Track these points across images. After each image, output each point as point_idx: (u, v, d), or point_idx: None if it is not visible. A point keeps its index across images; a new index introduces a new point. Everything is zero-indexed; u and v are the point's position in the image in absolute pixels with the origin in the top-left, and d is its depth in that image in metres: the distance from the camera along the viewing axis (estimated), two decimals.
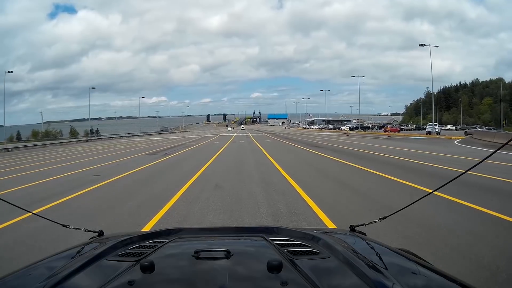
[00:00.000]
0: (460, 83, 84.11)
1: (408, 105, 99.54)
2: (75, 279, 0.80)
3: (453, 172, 7.34)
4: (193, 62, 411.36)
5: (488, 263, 2.68)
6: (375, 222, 1.36)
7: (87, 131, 53.50)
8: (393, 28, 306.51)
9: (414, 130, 50.17)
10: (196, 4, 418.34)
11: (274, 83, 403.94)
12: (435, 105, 39.55)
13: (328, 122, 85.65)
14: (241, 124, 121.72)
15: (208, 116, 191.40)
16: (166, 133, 70.46)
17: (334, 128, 70.16)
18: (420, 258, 1.05)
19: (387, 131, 41.99)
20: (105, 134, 60.69)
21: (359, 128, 54.76)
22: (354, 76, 56.06)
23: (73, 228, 1.42)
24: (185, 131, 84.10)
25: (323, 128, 75.68)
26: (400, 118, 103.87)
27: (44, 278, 0.80)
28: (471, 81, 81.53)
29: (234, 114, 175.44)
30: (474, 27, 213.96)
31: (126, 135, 57.43)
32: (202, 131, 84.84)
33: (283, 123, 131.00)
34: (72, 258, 0.96)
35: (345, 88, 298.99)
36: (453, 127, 58.68)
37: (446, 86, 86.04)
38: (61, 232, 2.55)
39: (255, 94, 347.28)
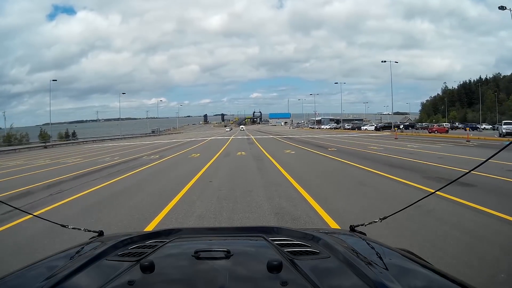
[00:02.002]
0: (480, 77, 74.13)
1: (424, 102, 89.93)
2: (75, 279, 0.79)
3: None
4: (193, 62, 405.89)
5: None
6: (375, 222, 1.32)
7: (61, 134, 47.45)
8: (393, 27, 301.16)
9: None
10: (196, 4, 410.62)
11: (274, 83, 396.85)
12: None
13: (338, 121, 76.32)
14: (241, 124, 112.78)
15: (205, 116, 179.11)
16: (155, 135, 61.45)
17: (353, 128, 56.44)
18: (420, 258, 1.03)
19: (434, 131, 32.42)
20: (84, 137, 51.66)
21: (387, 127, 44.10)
22: (384, 61, 45.21)
23: (73, 228, 1.41)
24: (178, 133, 76.65)
25: (337, 128, 63.51)
26: (399, 117, 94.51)
27: (44, 278, 0.79)
28: (492, 75, 71.88)
29: (233, 114, 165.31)
30: (475, 25, 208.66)
31: (102, 138, 47.18)
32: (197, 132, 75.31)
33: (285, 123, 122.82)
34: (72, 258, 0.95)
35: (345, 88, 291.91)
36: (488, 126, 49.34)
37: (465, 81, 77.06)
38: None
39: (254, 94, 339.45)
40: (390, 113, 65.99)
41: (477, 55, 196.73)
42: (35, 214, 1.64)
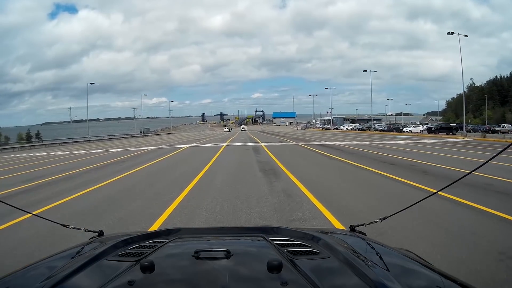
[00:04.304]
0: (510, 73, 66.15)
1: (450, 100, 79.73)
2: (75, 279, 0.79)
3: None
4: (194, 62, 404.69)
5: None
6: (375, 222, 1.32)
7: (21, 136, 44.64)
8: (396, 28, 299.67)
9: None
10: (198, 3, 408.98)
11: (275, 83, 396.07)
12: None
13: (353, 121, 72.84)
14: (241, 124, 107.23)
15: (203, 115, 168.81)
16: (140, 137, 55.60)
17: (390, 130, 46.18)
18: (420, 258, 1.03)
19: None
20: (50, 139, 43.73)
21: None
22: (451, 33, 31.50)
23: (73, 228, 1.39)
24: (169, 133, 70.45)
25: (363, 129, 52.97)
26: (405, 118, 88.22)
27: (44, 278, 0.79)
28: None
29: (234, 114, 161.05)
30: (477, 26, 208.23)
31: (62, 142, 38.96)
32: (190, 133, 69.95)
33: (290, 123, 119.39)
34: (72, 258, 0.95)
35: (346, 88, 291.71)
36: None
37: (496, 77, 68.19)
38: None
39: (256, 95, 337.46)
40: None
41: (479, 56, 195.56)
42: (33, 213, 1.59)
